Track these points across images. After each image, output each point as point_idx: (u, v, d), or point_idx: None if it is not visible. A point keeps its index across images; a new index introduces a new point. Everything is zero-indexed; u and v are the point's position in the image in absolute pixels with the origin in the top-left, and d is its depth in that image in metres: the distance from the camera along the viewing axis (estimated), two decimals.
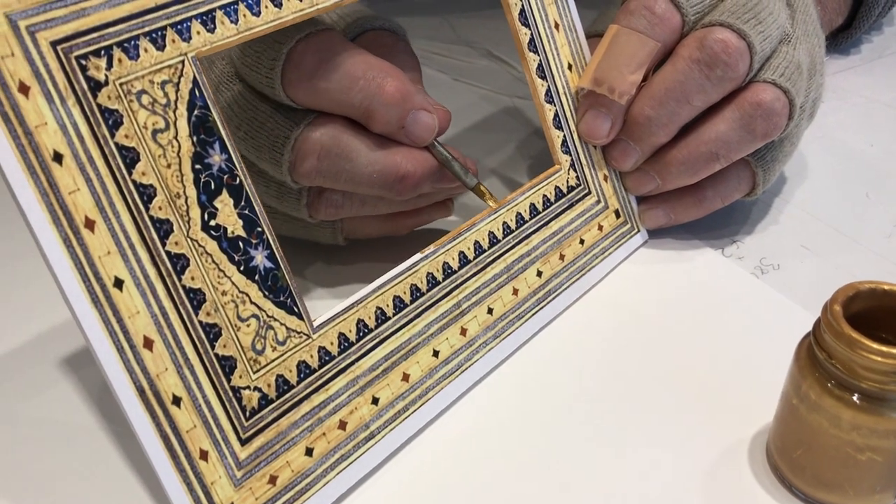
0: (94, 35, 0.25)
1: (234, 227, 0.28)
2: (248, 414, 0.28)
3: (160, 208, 0.26)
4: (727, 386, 0.34)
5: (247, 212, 0.29)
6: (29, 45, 0.24)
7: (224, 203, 0.28)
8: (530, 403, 0.34)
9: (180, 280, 0.27)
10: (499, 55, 0.63)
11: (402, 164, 0.35)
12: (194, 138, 0.27)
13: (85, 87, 0.25)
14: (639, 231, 0.43)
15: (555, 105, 0.39)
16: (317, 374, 0.30)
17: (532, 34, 0.38)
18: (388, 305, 0.33)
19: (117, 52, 0.26)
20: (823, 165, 0.49)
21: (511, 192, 0.38)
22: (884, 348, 0.26)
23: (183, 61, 0.27)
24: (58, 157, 0.24)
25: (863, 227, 0.44)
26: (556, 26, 0.40)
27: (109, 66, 0.25)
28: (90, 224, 0.25)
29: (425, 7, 0.72)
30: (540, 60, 0.39)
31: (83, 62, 0.25)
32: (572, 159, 0.40)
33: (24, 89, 0.24)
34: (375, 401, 0.32)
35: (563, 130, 0.40)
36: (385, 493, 0.31)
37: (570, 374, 0.36)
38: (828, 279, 0.40)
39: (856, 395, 0.27)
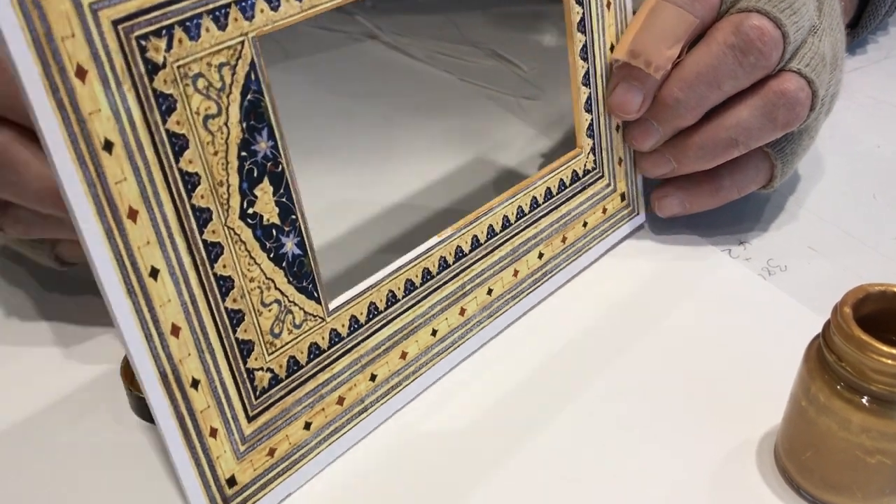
0: (157, 13, 0.23)
1: (270, 214, 0.28)
2: (258, 393, 0.29)
3: (202, 197, 0.26)
4: (735, 387, 0.34)
5: (284, 199, 0.28)
6: (90, 24, 0.22)
7: (264, 191, 0.27)
8: (536, 402, 0.35)
9: (213, 268, 0.26)
10: (504, 55, 0.61)
11: None
12: (244, 124, 0.26)
13: (142, 69, 0.23)
14: (638, 213, 0.44)
15: (590, 87, 0.38)
16: (325, 353, 0.31)
17: (584, 13, 0.37)
18: (399, 288, 0.33)
19: (178, 32, 0.24)
20: (830, 166, 0.49)
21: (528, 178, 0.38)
22: (894, 351, 0.26)
23: (243, 42, 0.25)
24: (108, 146, 0.23)
25: (870, 228, 0.44)
26: (608, 5, 0.38)
27: (169, 47, 0.24)
28: (133, 214, 0.24)
29: (429, 6, 0.68)
30: (585, 41, 0.37)
31: (143, 43, 0.23)
32: (594, 143, 0.40)
33: (81, 73, 0.22)
34: (373, 377, 0.33)
35: (591, 114, 0.39)
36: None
37: (576, 375, 0.36)
38: (835, 281, 0.40)
39: (865, 397, 0.27)
